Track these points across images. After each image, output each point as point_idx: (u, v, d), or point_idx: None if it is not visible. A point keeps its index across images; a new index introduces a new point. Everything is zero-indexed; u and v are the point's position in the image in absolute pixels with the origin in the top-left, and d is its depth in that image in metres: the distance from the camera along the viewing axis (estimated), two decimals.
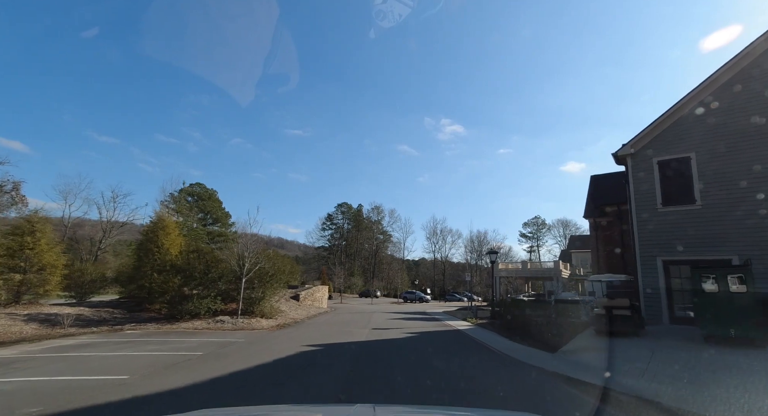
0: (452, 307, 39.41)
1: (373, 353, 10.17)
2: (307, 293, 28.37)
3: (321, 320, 21.00)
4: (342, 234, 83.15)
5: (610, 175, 34.68)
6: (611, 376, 7.16)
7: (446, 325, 18.68)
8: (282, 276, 22.25)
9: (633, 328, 12.23)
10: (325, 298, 30.84)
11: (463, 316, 23.25)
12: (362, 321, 20.13)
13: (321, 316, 23.50)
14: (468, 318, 21.31)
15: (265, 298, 19.41)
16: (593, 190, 34.55)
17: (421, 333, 15.18)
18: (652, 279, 15.09)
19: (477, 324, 18.54)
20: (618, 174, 34.30)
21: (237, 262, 18.21)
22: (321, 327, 17.04)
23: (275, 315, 20.03)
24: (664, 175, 15.41)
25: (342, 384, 6.50)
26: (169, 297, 16.90)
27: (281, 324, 17.83)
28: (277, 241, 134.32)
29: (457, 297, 59.88)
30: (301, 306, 26.01)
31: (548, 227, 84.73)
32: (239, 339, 12.67)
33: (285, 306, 23.60)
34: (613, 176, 34.21)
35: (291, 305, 24.95)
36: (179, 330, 15.06)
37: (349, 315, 24.59)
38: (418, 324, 19.35)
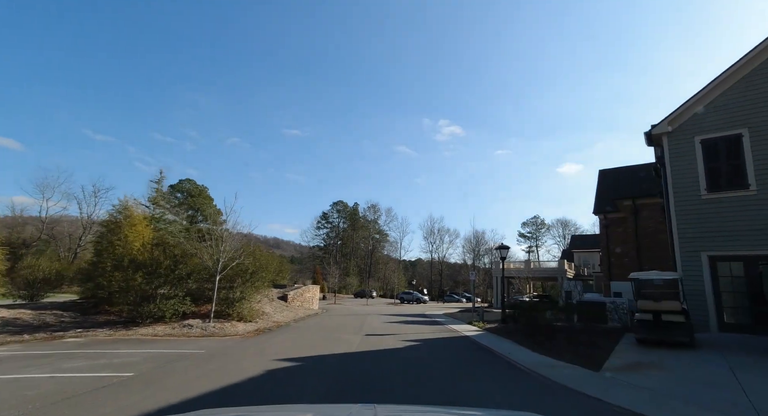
0: (452, 309, 36.87)
1: (364, 372, 7.63)
2: (296, 293, 25.77)
3: (308, 324, 18.40)
4: (337, 233, 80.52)
5: (622, 169, 32.35)
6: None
7: (450, 330, 16.15)
8: (266, 274, 19.65)
9: (686, 337, 9.75)
10: (315, 299, 28.24)
11: (467, 319, 20.73)
12: (354, 325, 17.57)
13: (309, 319, 20.89)
14: (474, 321, 18.79)
15: (244, 299, 16.80)
16: (602, 185, 32.19)
17: (422, 341, 12.64)
18: (695, 278, 12.62)
19: (486, 329, 16.02)
20: (629, 168, 31.98)
21: (210, 257, 15.60)
22: (305, 333, 14.45)
23: (256, 318, 17.41)
24: (710, 156, 12.97)
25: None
26: (130, 297, 14.26)
27: (260, 330, 15.22)
28: (273, 241, 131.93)
29: (455, 297, 57.38)
30: (289, 308, 23.40)
31: (547, 227, 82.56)
32: (198, 350, 10.06)
33: (269, 307, 20.99)
34: (625, 170, 31.90)
35: (277, 306, 22.33)
36: (133, 338, 12.43)
37: (340, 318, 22.01)
38: (417, 328, 16.82)
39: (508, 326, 15.92)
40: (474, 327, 17.20)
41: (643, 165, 29.99)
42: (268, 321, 17.61)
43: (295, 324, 17.91)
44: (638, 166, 30.37)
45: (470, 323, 18.67)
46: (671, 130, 13.59)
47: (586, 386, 6.71)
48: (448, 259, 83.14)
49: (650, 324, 10.05)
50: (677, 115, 13.43)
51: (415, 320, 21.55)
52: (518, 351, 10.55)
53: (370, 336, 13.54)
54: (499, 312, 26.17)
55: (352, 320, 20.69)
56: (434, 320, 21.63)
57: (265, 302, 21.52)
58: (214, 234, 16.45)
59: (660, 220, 26.09)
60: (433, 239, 79.28)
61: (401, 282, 68.92)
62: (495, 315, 23.08)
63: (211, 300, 16.08)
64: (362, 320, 20.58)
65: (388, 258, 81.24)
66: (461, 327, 17.35)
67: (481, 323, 17.90)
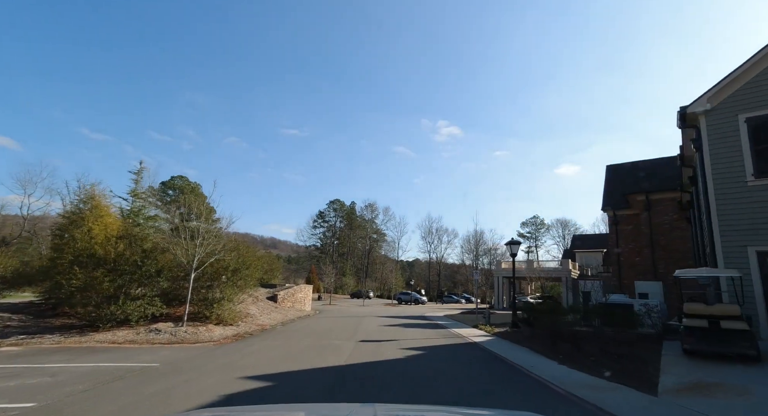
0: (453, 310, 34.99)
1: (352, 396, 5.74)
2: (287, 293, 23.82)
3: (297, 327, 16.46)
4: (334, 232, 78.54)
5: (632, 164, 30.55)
6: None
7: (456, 335, 14.27)
8: (252, 272, 17.71)
9: (752, 349, 7.89)
10: (308, 299, 26.29)
11: (471, 322, 18.85)
12: (348, 329, 15.66)
13: (299, 322, 18.94)
14: (480, 324, 16.89)
15: (224, 300, 14.85)
16: (611, 181, 30.42)
17: (426, 350, 10.75)
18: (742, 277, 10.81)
19: (495, 334, 14.15)
20: (640, 163, 30.19)
21: (184, 252, 13.64)
22: (291, 339, 12.52)
23: (238, 321, 15.46)
24: (758, 137, 11.13)
25: None
26: (90, 298, 12.30)
27: (240, 335, 13.27)
28: (270, 241, 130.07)
29: (454, 298, 55.53)
30: (278, 309, 21.45)
31: (547, 227, 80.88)
32: (152, 363, 8.11)
33: (255, 308, 19.03)
34: (636, 165, 30.08)
35: (265, 307, 20.38)
36: (84, 346, 10.47)
37: (334, 320, 20.09)
38: (419, 333, 14.92)
39: (520, 331, 14.04)
40: (481, 331, 15.32)
41: (656, 159, 28.26)
42: (251, 325, 15.66)
43: (282, 328, 15.97)
44: (651, 161, 28.62)
45: (476, 326, 16.79)
46: (710, 108, 11.76)
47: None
48: (446, 260, 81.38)
49: (704, 333, 8.20)
50: (718, 91, 11.60)
51: (414, 323, 19.65)
52: (543, 365, 8.67)
53: (365, 343, 11.63)
54: (504, 315, 24.31)
55: (346, 323, 18.77)
56: (436, 323, 19.74)
57: (251, 303, 19.58)
58: (189, 227, 14.48)
59: (676, 216, 24.23)
60: (432, 239, 77.52)
61: (399, 283, 67.00)
62: (501, 318, 21.21)
63: (187, 301, 14.14)
64: (357, 323, 18.67)
65: (385, 258, 79.33)
66: (466, 331, 15.47)
67: (488, 327, 16.02)
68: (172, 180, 57.86)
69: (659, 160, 28.86)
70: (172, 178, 58.08)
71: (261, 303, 21.17)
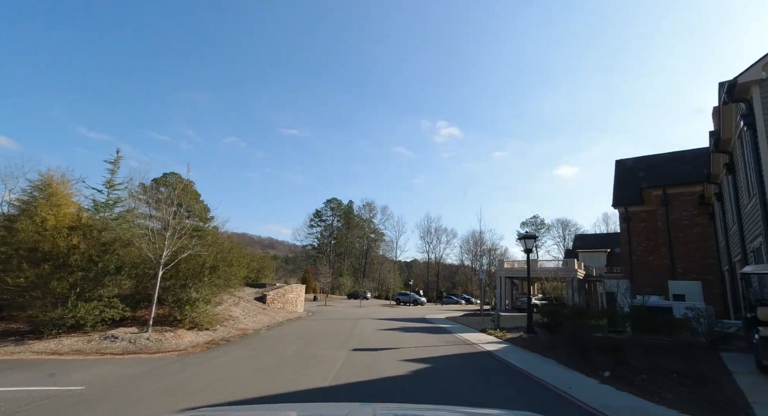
0: (454, 311, 33.09)
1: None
2: (277, 293, 21.86)
3: (283, 331, 14.52)
4: (331, 232, 76.57)
5: (646, 158, 28.73)
6: None
7: (463, 342, 12.37)
8: (235, 270, 15.82)
9: None
10: (300, 300, 24.34)
11: (478, 326, 16.96)
12: (342, 334, 13.75)
13: (288, 325, 16.99)
14: (488, 329, 15.00)
15: (200, 301, 12.90)
16: (622, 176, 28.58)
17: (432, 362, 8.84)
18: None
19: (508, 341, 12.26)
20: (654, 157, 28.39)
21: (149, 245, 11.69)
22: (272, 348, 10.58)
23: (216, 325, 13.51)
24: None
25: None
26: (36, 299, 10.35)
27: (213, 342, 11.32)
28: (268, 241, 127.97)
29: (453, 299, 53.66)
30: (267, 311, 19.50)
31: (547, 227, 79.06)
32: (78, 386, 6.15)
33: (240, 310, 17.07)
34: (650, 159, 28.21)
35: (251, 309, 18.42)
36: (17, 358, 8.50)
37: (326, 323, 18.16)
38: (421, 338, 13.03)
39: (537, 337, 12.16)
40: (491, 337, 13.44)
41: (669, 153, 26.47)
42: (231, 329, 13.71)
43: (266, 333, 14.02)
44: (664, 155, 26.83)
45: (484, 331, 14.90)
46: (766, 77, 9.95)
47: None
48: (444, 260, 79.60)
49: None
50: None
51: (415, 326, 17.75)
52: (581, 384, 6.78)
53: (359, 353, 9.72)
54: (511, 317, 22.42)
55: (340, 326, 16.85)
56: (438, 326, 17.84)
57: (235, 304, 17.63)
58: (159, 217, 12.54)
59: (696, 212, 22.34)
60: (430, 239, 75.68)
61: (397, 283, 65.08)
62: (509, 321, 19.31)
63: (159, 303, 12.20)
64: (352, 326, 16.75)
65: (383, 258, 77.40)
66: (475, 336, 13.59)
67: (498, 331, 14.14)
68: (164, 176, 55.66)
69: (672, 154, 27.06)
70: (164, 174, 55.88)
71: (247, 304, 19.22)
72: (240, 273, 17.25)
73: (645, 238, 24.95)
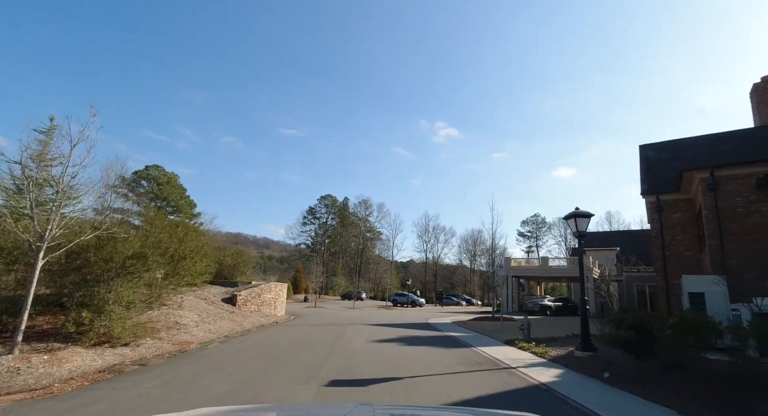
0: (458, 314, 29.07)
1: None
2: (250, 294, 17.78)
3: (241, 346, 10.42)
4: (325, 230, 72.40)
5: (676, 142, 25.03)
6: None
7: (492, 362, 8.43)
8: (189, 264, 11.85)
9: None
10: (281, 301, 20.24)
11: (498, 335, 13.00)
12: (320, 349, 9.74)
13: (256, 334, 12.90)
14: (519, 341, 11.02)
15: (114, 303, 8.83)
16: (650, 162, 24.76)
17: (456, 412, 4.88)
18: None
19: (555, 361, 8.34)
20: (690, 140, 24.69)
21: (16, 220, 7.64)
22: (200, 379, 6.54)
23: (147, 337, 9.46)
24: None
25: None
26: None
27: (116, 368, 7.22)
28: (263, 241, 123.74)
29: (454, 300, 49.66)
30: (235, 315, 15.44)
31: (548, 226, 75.42)
32: None
33: (194, 316, 12.97)
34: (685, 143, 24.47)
35: (214, 313, 14.34)
36: None
37: (306, 331, 14.12)
38: (431, 356, 9.06)
39: (596, 355, 8.23)
40: (527, 354, 9.48)
41: (716, 134, 22.74)
42: (166, 343, 9.64)
43: (216, 348, 9.94)
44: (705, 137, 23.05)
45: (512, 344, 10.92)
46: None
47: None
48: (443, 260, 75.72)
49: None
50: None
51: (418, 335, 13.76)
52: None
53: (337, 391, 5.74)
54: (522, 320, 18.41)
55: (324, 335, 12.83)
56: (448, 335, 13.85)
57: (194, 307, 13.56)
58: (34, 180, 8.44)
59: (753, 198, 18.56)
60: (428, 237, 71.69)
61: (394, 283, 61.02)
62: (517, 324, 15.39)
63: (63, 307, 8.19)
64: (338, 335, 12.72)
65: (379, 258, 73.35)
66: (504, 353, 9.63)
67: (533, 346, 10.18)
68: (146, 170, 51.45)
69: (711, 136, 23.24)
70: (147, 167, 51.74)
71: (210, 306, 15.14)
72: (195, 268, 13.23)
73: (681, 231, 21.12)
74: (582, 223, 9.29)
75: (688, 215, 21.41)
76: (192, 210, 54.82)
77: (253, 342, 10.92)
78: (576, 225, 9.25)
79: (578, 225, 9.26)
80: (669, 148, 24.32)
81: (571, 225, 9.40)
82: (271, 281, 22.66)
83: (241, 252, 22.91)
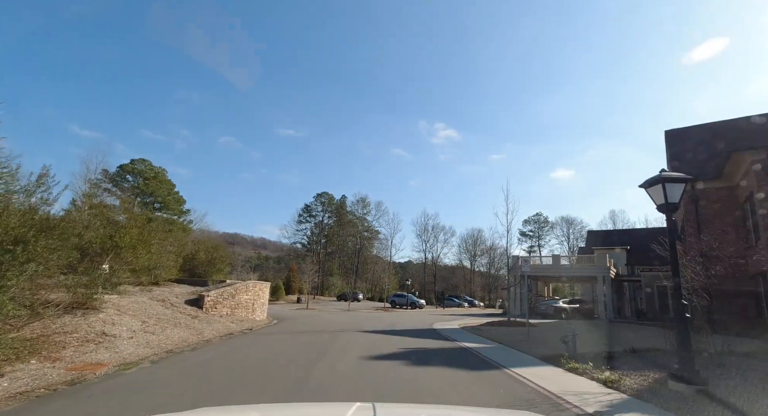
0: (463, 317, 25.88)
1: None
2: (222, 294, 14.62)
3: (179, 369, 7.23)
4: (322, 229, 69.20)
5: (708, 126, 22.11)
6: None
7: (545, 398, 5.34)
8: (138, 254, 8.74)
9: None
10: (261, 303, 17.05)
11: (523, 345, 9.90)
12: (291, 374, 6.63)
13: (211, 348, 9.70)
14: (565, 359, 7.93)
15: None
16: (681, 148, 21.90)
17: None
18: None
19: (642, 398, 5.30)
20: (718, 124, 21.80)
21: None
22: None
23: (30, 358, 6.36)
24: None
25: None
26: None
27: None
28: (260, 241, 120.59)
29: (456, 301, 46.56)
30: (199, 320, 12.30)
31: (551, 225, 72.58)
32: None
33: (135, 323, 9.78)
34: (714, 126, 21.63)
35: (169, 318, 11.18)
36: None
37: (283, 343, 10.99)
38: (450, 384, 5.92)
39: (704, 389, 5.17)
40: (589, 382, 6.40)
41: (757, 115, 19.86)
42: (65, 365, 6.51)
43: (136, 374, 6.79)
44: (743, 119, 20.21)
45: (557, 364, 7.84)
46: None
47: None
48: (442, 260, 72.65)
49: None
50: None
51: (426, 347, 10.62)
52: None
53: None
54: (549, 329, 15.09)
55: (302, 349, 9.71)
56: (461, 346, 10.72)
57: (143, 310, 10.40)
58: None
59: None
60: (427, 237, 68.58)
61: (392, 284, 57.81)
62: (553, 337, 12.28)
63: None
64: (323, 349, 9.59)
65: (377, 258, 70.21)
66: (546, 376, 6.55)
67: (592, 367, 7.10)
68: (131, 163, 48.20)
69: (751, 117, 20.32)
70: (132, 161, 48.48)
71: (166, 310, 11.96)
72: (139, 262, 10.09)
73: (722, 223, 18.14)
74: (673, 191, 6.22)
75: (729, 206, 18.41)
76: (180, 206, 51.50)
77: (197, 363, 7.76)
78: (665, 195, 6.17)
79: (667, 194, 6.18)
80: (704, 131, 21.34)
81: (655, 195, 6.33)
82: (249, 280, 19.40)
83: (218, 246, 19.74)
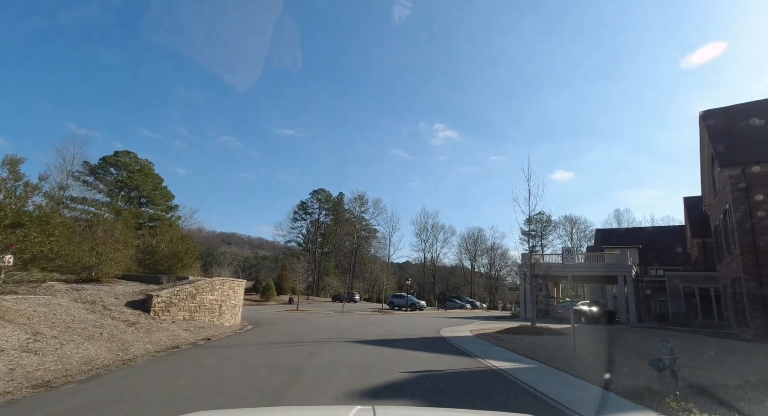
0: (471, 320, 22.68)
1: None
2: (177, 294, 11.37)
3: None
4: (318, 227, 65.88)
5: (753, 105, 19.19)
6: None
7: None
8: None
9: None
10: (232, 304, 13.80)
11: (584, 370, 6.75)
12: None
13: (123, 375, 6.46)
14: (671, 401, 4.83)
15: None
16: (725, 130, 18.75)
17: None
18: None
19: None
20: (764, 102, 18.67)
21: None
22: None
23: None
24: None
25: None
26: None
27: None
28: (258, 241, 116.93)
29: (458, 303, 43.31)
30: (137, 327, 9.13)
31: (554, 224, 69.60)
32: None
33: (22, 334, 6.64)
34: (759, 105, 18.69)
35: (87, 326, 8.01)
36: None
37: (240, 364, 7.82)
38: None
39: None
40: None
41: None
42: None
43: None
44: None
45: (665, 411, 4.73)
46: None
47: None
48: (442, 260, 69.53)
49: None
50: None
51: (440, 371, 7.42)
52: None
53: None
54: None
55: (262, 377, 6.56)
56: (488, 366, 7.51)
57: (54, 315, 7.22)
58: None
59: None
60: (427, 236, 65.42)
61: (390, 284, 54.58)
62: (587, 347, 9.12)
63: None
64: (288, 379, 6.41)
65: (375, 257, 67.01)
66: None
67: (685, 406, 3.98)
68: (115, 155, 44.76)
69: None
70: (116, 153, 45.06)
71: (89, 315, 8.76)
72: (33, 247, 6.85)
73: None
74: None
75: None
76: (168, 202, 48.06)
77: (74, 406, 4.55)
78: None
79: None
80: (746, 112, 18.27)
81: None
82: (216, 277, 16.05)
83: (185, 237, 16.46)
